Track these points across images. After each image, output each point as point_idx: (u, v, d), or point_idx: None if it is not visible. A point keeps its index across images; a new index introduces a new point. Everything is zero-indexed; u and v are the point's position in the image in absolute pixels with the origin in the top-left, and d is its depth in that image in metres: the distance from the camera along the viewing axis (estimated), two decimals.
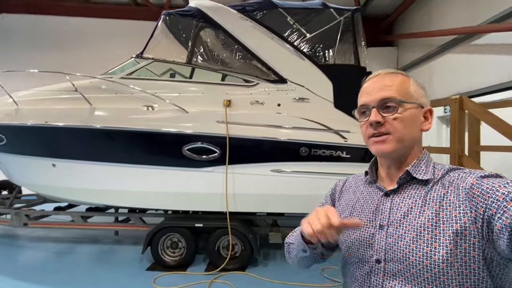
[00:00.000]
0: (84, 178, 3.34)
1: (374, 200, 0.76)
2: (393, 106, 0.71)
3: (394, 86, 0.72)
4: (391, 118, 0.70)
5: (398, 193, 0.72)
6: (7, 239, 4.36)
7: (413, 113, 0.72)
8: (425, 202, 0.67)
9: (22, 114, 3.38)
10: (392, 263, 0.68)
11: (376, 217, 0.73)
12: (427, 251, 0.63)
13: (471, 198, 0.62)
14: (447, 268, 0.61)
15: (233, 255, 3.33)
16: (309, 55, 3.39)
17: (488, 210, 0.58)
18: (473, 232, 0.60)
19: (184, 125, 3.16)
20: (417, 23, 6.82)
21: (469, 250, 0.60)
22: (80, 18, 8.05)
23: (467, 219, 0.61)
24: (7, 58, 7.51)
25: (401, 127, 0.70)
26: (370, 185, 0.80)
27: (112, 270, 3.30)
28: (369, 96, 0.74)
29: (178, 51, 3.64)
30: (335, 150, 3.12)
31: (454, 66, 5.49)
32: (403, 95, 0.72)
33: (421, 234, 0.65)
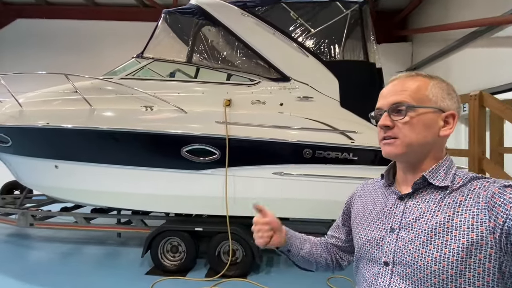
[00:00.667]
0: (83, 180, 3.31)
1: (388, 203, 0.76)
2: (403, 110, 0.70)
3: (409, 91, 0.71)
4: (400, 122, 0.70)
5: (413, 197, 0.72)
6: (16, 238, 4.44)
7: (428, 117, 0.70)
8: (439, 207, 0.66)
9: (25, 116, 3.40)
10: (400, 266, 0.68)
11: (389, 220, 0.73)
12: (436, 256, 0.62)
13: (491, 207, 0.59)
14: (456, 275, 0.60)
15: (234, 261, 3.21)
16: (313, 51, 3.21)
17: (509, 221, 0.56)
18: (490, 243, 0.58)
19: (183, 126, 3.06)
20: (432, 16, 6.45)
21: (484, 261, 0.58)
22: (90, 21, 8.21)
23: (485, 228, 0.59)
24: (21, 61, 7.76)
25: (409, 132, 0.69)
26: (386, 188, 0.80)
27: (111, 273, 3.25)
28: (384, 100, 0.74)
29: (179, 50, 3.56)
30: (341, 152, 2.94)
31: (474, 61, 5.13)
32: (417, 100, 0.70)
33: (432, 239, 0.64)
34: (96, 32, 8.19)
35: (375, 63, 3.27)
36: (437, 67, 6.35)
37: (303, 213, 3.19)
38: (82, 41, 8.15)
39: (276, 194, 3.05)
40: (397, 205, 0.73)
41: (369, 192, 0.85)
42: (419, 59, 7.17)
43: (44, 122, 3.26)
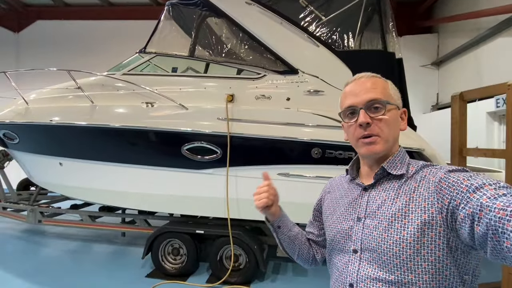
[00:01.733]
0: (85, 177, 3.26)
1: (354, 195, 0.81)
2: (380, 107, 0.75)
3: (379, 88, 0.77)
4: (378, 119, 0.74)
5: (375, 187, 0.77)
6: (28, 234, 4.52)
7: (395, 114, 0.77)
8: (397, 194, 0.72)
9: (30, 113, 3.39)
10: (367, 252, 0.72)
11: (355, 210, 0.78)
12: (396, 238, 0.67)
13: (439, 190, 0.66)
14: (413, 254, 0.65)
15: (236, 267, 3.02)
16: (325, 41, 2.93)
17: (453, 201, 0.62)
18: (439, 222, 0.64)
19: (183, 123, 2.90)
20: (461, 4, 5.89)
21: (435, 238, 0.64)
22: (106, 21, 8.33)
23: (434, 209, 0.65)
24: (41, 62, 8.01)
25: (387, 128, 0.75)
26: (351, 182, 0.85)
27: (112, 274, 3.17)
28: (356, 98, 0.77)
29: (182, 44, 3.39)
30: (355, 152, 2.61)
31: (509, 52, 4.58)
32: (386, 97, 0.76)
33: (392, 223, 0.69)
34: (112, 32, 8.31)
35: (394, 53, 2.93)
36: (466, 59, 5.80)
37: None
38: (98, 41, 8.30)
39: (282, 196, 2.78)
40: (362, 196, 0.79)
41: (336, 187, 0.90)
42: (446, 51, 6.61)
43: (47, 119, 3.23)
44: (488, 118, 4.61)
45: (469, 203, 0.58)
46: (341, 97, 0.84)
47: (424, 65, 7.13)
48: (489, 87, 1.91)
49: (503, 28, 4.60)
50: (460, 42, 5.87)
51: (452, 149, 2.17)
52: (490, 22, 4.82)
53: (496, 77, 4.64)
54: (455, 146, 2.13)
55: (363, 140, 0.75)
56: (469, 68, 5.77)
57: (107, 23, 8.36)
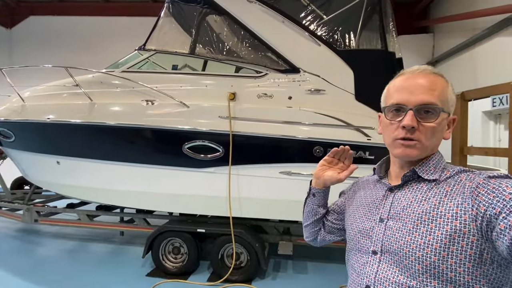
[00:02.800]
0: (83, 176, 3.21)
1: (379, 195, 0.78)
2: (433, 113, 0.68)
3: (437, 91, 0.68)
4: (426, 125, 0.67)
5: (402, 189, 0.73)
6: (24, 233, 4.45)
7: (444, 122, 0.70)
8: (426, 196, 0.68)
9: (26, 111, 3.33)
10: (387, 254, 0.69)
11: (378, 211, 0.75)
12: (420, 243, 0.64)
13: (475, 196, 0.61)
14: (438, 261, 0.61)
15: (238, 265, 3.02)
16: (326, 40, 2.93)
17: (491, 209, 0.57)
18: (473, 230, 0.59)
19: (184, 121, 2.88)
20: (457, 4, 5.96)
21: (466, 248, 0.59)
22: (101, 17, 8.19)
23: (468, 216, 0.60)
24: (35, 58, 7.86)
25: (431, 137, 0.69)
26: (377, 182, 0.82)
27: (112, 272, 3.14)
28: (410, 96, 0.68)
29: (182, 41, 3.36)
30: (356, 150, 2.66)
31: (506, 52, 4.66)
32: (442, 102, 0.68)
33: (418, 227, 0.65)
34: (108, 28, 8.17)
35: (394, 53, 2.96)
36: (461, 59, 5.88)
37: None
38: (93, 38, 8.16)
39: (284, 195, 2.83)
40: (387, 197, 0.75)
41: (362, 187, 0.87)
42: (441, 51, 6.69)
43: (45, 117, 3.18)
44: (484, 117, 4.69)
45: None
46: (388, 88, 0.75)
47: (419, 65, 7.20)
48: (491, 87, 1.94)
49: (499, 28, 4.68)
50: (455, 42, 5.95)
51: (453, 148, 2.21)
52: (486, 22, 4.89)
53: (491, 78, 4.72)
54: (456, 145, 2.17)
55: (401, 141, 0.69)
56: (464, 68, 5.85)
57: (103, 19, 8.22)
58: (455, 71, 6.25)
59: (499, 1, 4.52)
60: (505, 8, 4.22)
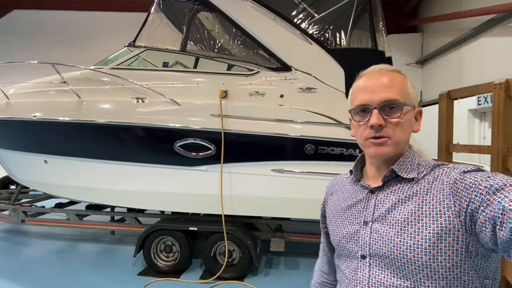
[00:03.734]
0: (72, 175, 3.15)
1: (359, 197, 0.76)
2: (396, 109, 0.69)
3: (397, 87, 0.70)
4: (392, 121, 0.69)
5: (383, 190, 0.73)
6: (10, 234, 4.33)
7: (410, 115, 0.71)
8: (408, 197, 0.68)
9: (11, 108, 3.23)
10: (377, 258, 0.69)
11: (361, 214, 0.74)
12: (410, 244, 0.64)
13: (454, 192, 0.62)
14: (430, 261, 0.62)
15: (230, 263, 3.04)
16: (317, 38, 2.96)
17: (471, 204, 0.59)
18: (457, 226, 0.61)
19: (176, 119, 2.86)
20: (445, 5, 6.08)
21: (452, 243, 0.61)
22: (87, 12, 7.98)
23: (451, 213, 0.61)
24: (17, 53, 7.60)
25: (400, 131, 0.70)
26: (355, 183, 0.80)
27: (103, 272, 3.11)
28: (371, 95, 0.70)
29: (173, 38, 3.32)
30: (346, 148, 2.70)
31: (490, 52, 4.79)
32: (403, 97, 0.70)
33: (405, 228, 0.65)
34: (94, 23, 7.98)
35: (384, 52, 3.01)
36: (448, 59, 6.02)
37: (304, 213, 2.98)
38: (79, 33, 7.95)
39: (276, 192, 2.85)
40: (369, 199, 0.74)
41: (339, 189, 0.84)
42: (429, 50, 6.82)
43: (31, 114, 3.09)
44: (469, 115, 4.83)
45: (489, 205, 0.55)
46: (352, 90, 0.75)
47: (408, 64, 7.33)
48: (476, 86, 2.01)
49: (484, 29, 4.80)
50: (443, 41, 6.08)
51: (439, 146, 2.27)
52: (473, 23, 5.02)
53: (476, 77, 4.86)
54: (442, 143, 2.23)
55: (372, 140, 0.70)
56: (451, 67, 5.99)
57: (90, 14, 8.01)
58: (443, 69, 6.40)
59: (485, 2, 4.64)
60: (490, 9, 4.34)
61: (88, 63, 3.38)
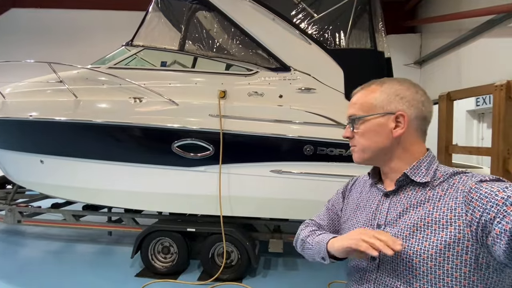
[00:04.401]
0: (69, 175, 3.12)
1: (375, 200, 0.79)
2: (355, 122, 0.78)
3: (358, 103, 0.78)
4: (355, 132, 0.78)
5: (397, 194, 0.74)
6: (6, 234, 4.29)
7: (375, 123, 0.75)
8: (420, 202, 0.69)
9: (7, 108, 3.20)
10: (385, 260, 0.70)
11: (375, 217, 0.76)
12: (417, 249, 0.64)
13: (468, 201, 0.61)
14: (435, 267, 0.62)
15: (228, 264, 3.02)
16: (316, 38, 2.94)
17: (486, 214, 0.58)
18: (467, 236, 0.60)
19: (173, 119, 2.83)
20: (443, 5, 6.09)
21: (461, 253, 0.60)
22: (86, 10, 7.93)
23: (462, 222, 0.61)
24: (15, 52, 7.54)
25: (361, 140, 0.76)
26: (372, 186, 0.83)
27: (99, 273, 3.08)
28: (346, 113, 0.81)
29: (171, 37, 3.29)
30: (345, 149, 2.69)
31: (489, 53, 4.80)
32: (365, 110, 0.76)
33: (414, 233, 0.66)
34: (92, 22, 7.92)
35: (383, 52, 3.00)
36: (447, 59, 6.03)
37: (303, 214, 2.95)
38: (76, 31, 7.89)
39: (275, 193, 2.83)
40: (383, 202, 0.76)
41: (360, 188, 0.88)
42: (428, 51, 6.83)
43: (27, 114, 3.06)
44: (467, 116, 4.84)
45: (506, 217, 0.54)
46: None
47: (407, 64, 7.33)
48: (476, 87, 2.00)
49: (483, 30, 4.81)
50: (442, 42, 6.09)
51: (439, 147, 2.26)
52: (471, 23, 5.02)
53: (475, 78, 4.86)
54: (442, 144, 2.22)
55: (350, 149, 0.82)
56: (450, 68, 6.00)
57: (88, 13, 7.95)
58: (441, 70, 6.40)
59: (483, 3, 4.65)
60: (489, 10, 4.35)
61: (85, 62, 3.35)
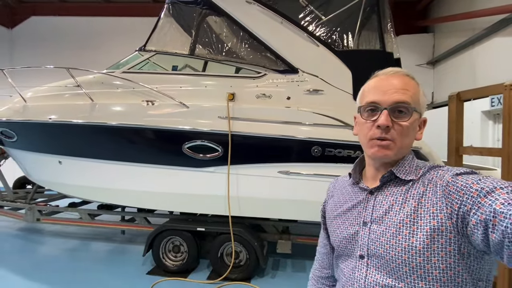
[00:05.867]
0: (85, 176, 3.25)
1: (359, 198, 0.77)
2: (406, 112, 0.69)
3: (410, 91, 0.70)
4: (399, 124, 0.69)
5: (381, 191, 0.74)
6: (26, 232, 4.50)
7: (416, 122, 0.72)
8: (405, 199, 0.69)
9: (28, 111, 3.37)
10: (374, 258, 0.70)
11: (361, 215, 0.75)
12: (405, 246, 0.65)
13: (447, 195, 0.63)
14: (424, 262, 0.63)
15: (237, 264, 3.06)
16: (324, 40, 2.96)
17: (463, 206, 0.60)
18: (449, 228, 0.62)
19: (184, 121, 2.92)
20: (456, 4, 5.97)
21: (445, 245, 0.62)
22: (102, 17, 8.23)
23: (443, 215, 0.63)
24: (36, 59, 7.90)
25: (405, 136, 0.70)
26: (354, 185, 0.81)
27: (112, 271, 3.19)
28: (383, 95, 0.70)
29: (182, 42, 3.39)
30: (353, 150, 2.69)
31: (504, 52, 4.67)
32: (415, 103, 0.70)
33: (400, 230, 0.67)
34: (108, 28, 8.21)
35: (392, 53, 2.98)
36: (461, 59, 5.90)
37: (311, 215, 2.97)
38: (94, 38, 8.20)
39: (282, 194, 2.86)
40: (368, 200, 0.75)
41: (339, 191, 0.85)
42: (441, 50, 6.69)
43: (47, 117, 3.22)
44: (482, 117, 4.70)
45: (480, 208, 0.56)
46: (363, 89, 0.76)
47: (419, 64, 7.21)
48: (486, 87, 1.97)
49: (498, 28, 4.69)
50: (455, 42, 5.96)
51: (449, 148, 2.23)
52: (485, 22, 4.90)
53: (490, 77, 4.73)
54: (452, 145, 2.19)
55: (376, 141, 0.70)
56: (463, 68, 5.86)
57: (104, 19, 8.26)
58: (455, 70, 6.26)
59: (497, 2, 4.53)
60: (503, 8, 4.24)
61: (101, 67, 3.49)
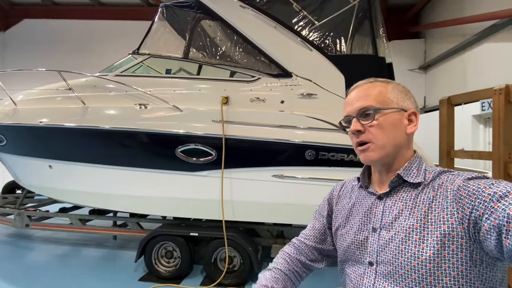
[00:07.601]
0: (76, 180, 3.20)
1: (368, 204, 0.77)
2: (370, 113, 0.73)
3: (371, 95, 0.75)
4: (369, 126, 0.72)
5: (390, 196, 0.74)
6: (14, 238, 4.39)
7: (394, 118, 0.73)
8: (415, 204, 0.69)
9: (18, 114, 3.31)
10: (383, 264, 0.69)
11: (370, 220, 0.75)
12: (414, 251, 0.64)
13: (458, 199, 0.62)
14: (434, 269, 0.62)
15: (230, 269, 3.02)
16: (318, 45, 2.99)
17: (475, 211, 0.59)
18: (461, 233, 0.60)
19: (177, 125, 2.90)
20: (447, 10, 6.11)
21: (456, 251, 0.60)
22: (96, 21, 8.19)
23: (454, 220, 0.61)
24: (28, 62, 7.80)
25: (380, 134, 0.72)
26: (363, 190, 0.82)
27: (104, 277, 3.12)
28: (350, 107, 0.77)
29: (176, 45, 3.39)
30: (346, 154, 2.70)
31: (494, 57, 4.78)
32: (381, 102, 0.74)
33: (410, 235, 0.66)
34: (102, 32, 8.18)
35: (384, 58, 3.03)
36: (452, 64, 6.01)
37: (306, 219, 2.96)
38: (87, 41, 8.15)
39: (277, 198, 2.85)
40: (377, 205, 0.75)
41: (348, 194, 0.86)
42: (432, 56, 6.82)
43: (37, 120, 3.16)
44: (473, 121, 4.78)
45: (493, 213, 0.55)
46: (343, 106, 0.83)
47: (411, 69, 7.33)
48: (476, 91, 2.00)
49: (487, 34, 4.80)
50: (446, 47, 6.08)
51: (440, 151, 2.25)
52: (475, 28, 5.02)
53: (480, 81, 4.83)
54: (443, 148, 2.21)
55: (358, 147, 0.75)
56: (455, 73, 5.97)
57: (97, 23, 8.23)
58: (446, 75, 6.37)
59: (487, 8, 4.65)
60: (493, 15, 4.34)
61: (94, 70, 3.46)
